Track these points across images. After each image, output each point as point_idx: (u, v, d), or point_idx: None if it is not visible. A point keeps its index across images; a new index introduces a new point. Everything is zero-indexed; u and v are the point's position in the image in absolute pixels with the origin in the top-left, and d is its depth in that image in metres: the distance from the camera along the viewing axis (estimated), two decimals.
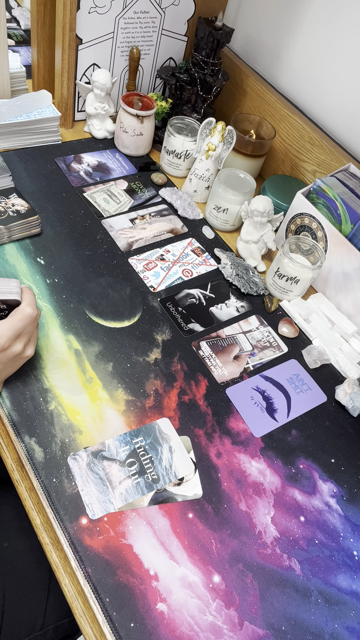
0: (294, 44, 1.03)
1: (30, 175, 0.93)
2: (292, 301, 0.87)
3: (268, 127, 1.03)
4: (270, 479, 0.66)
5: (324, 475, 0.68)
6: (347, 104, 0.96)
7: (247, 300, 0.86)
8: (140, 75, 1.09)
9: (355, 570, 0.61)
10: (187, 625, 0.53)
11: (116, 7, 0.94)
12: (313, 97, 1.02)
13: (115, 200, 0.95)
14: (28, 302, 0.60)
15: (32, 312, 0.59)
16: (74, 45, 0.94)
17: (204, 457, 0.65)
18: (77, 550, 0.55)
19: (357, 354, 0.83)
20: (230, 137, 0.94)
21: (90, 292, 0.79)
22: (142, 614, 0.53)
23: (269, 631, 0.54)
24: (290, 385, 0.76)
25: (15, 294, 0.60)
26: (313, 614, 0.56)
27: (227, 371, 0.75)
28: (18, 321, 0.58)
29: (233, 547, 0.59)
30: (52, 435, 0.62)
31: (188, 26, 1.06)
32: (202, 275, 0.88)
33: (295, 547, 0.61)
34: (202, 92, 1.04)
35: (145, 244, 0.89)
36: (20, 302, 0.60)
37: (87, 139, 1.06)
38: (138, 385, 0.70)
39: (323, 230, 0.85)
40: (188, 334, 0.78)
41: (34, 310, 0.60)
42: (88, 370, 0.70)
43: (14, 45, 1.26)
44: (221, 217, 0.95)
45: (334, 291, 0.88)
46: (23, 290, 0.61)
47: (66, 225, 0.87)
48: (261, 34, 1.10)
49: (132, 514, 0.59)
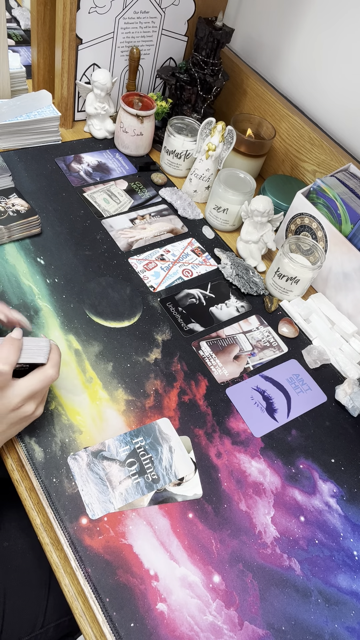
0: (294, 44, 1.03)
1: (30, 175, 0.93)
2: (292, 301, 0.87)
3: (268, 127, 1.03)
4: (270, 479, 0.66)
5: (324, 475, 0.68)
6: (347, 104, 0.96)
7: (247, 300, 0.86)
8: (140, 75, 1.09)
9: (355, 570, 0.61)
10: (187, 625, 0.53)
11: (116, 7, 0.94)
12: (313, 97, 1.02)
13: (115, 200, 0.95)
14: (53, 364, 0.56)
15: (53, 375, 0.56)
16: (74, 45, 0.94)
17: (204, 457, 0.65)
18: (77, 550, 0.55)
19: (357, 354, 0.83)
20: (230, 137, 0.94)
21: (90, 292, 0.79)
22: (142, 614, 0.53)
23: (269, 631, 0.54)
24: (290, 385, 0.76)
25: (43, 358, 0.56)
26: (313, 614, 0.56)
27: (227, 371, 0.75)
28: (38, 382, 0.55)
29: (233, 547, 0.59)
30: (52, 435, 0.62)
31: (188, 26, 1.06)
32: (202, 275, 0.88)
33: (295, 547, 0.61)
34: (202, 92, 1.04)
35: (145, 244, 0.89)
36: (45, 363, 0.56)
37: (87, 139, 1.06)
38: (138, 385, 0.70)
39: (323, 230, 0.85)
40: (188, 334, 0.78)
41: (56, 374, 0.56)
42: (88, 370, 0.70)
43: (14, 45, 1.26)
44: (221, 217, 0.95)
45: (334, 291, 0.88)
46: (51, 348, 0.57)
47: (66, 225, 0.87)
48: (261, 34, 1.10)
49: (132, 514, 0.59)
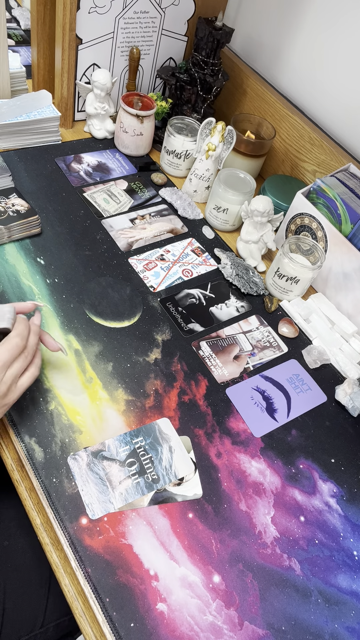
0: (294, 44, 1.03)
1: (30, 175, 0.93)
2: (292, 301, 0.87)
3: (268, 127, 1.03)
4: (270, 479, 0.66)
5: (324, 475, 0.68)
6: (347, 104, 0.96)
7: (247, 300, 0.86)
8: (140, 75, 1.09)
9: (355, 570, 0.61)
10: (187, 625, 0.53)
11: (116, 7, 0.94)
12: (313, 97, 1.02)
13: (115, 200, 0.95)
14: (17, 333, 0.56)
15: (19, 343, 0.55)
16: (74, 45, 0.94)
17: (204, 457, 0.65)
18: (77, 550, 0.55)
19: (357, 354, 0.83)
20: (230, 137, 0.94)
21: (90, 292, 0.79)
22: (142, 614, 0.53)
23: (269, 631, 0.54)
24: (290, 385, 0.76)
25: (7, 322, 0.56)
26: (313, 614, 0.56)
27: (227, 371, 0.75)
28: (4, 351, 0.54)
29: (233, 547, 0.59)
30: (52, 435, 0.62)
31: (188, 26, 1.06)
32: (202, 275, 0.88)
33: (295, 547, 0.61)
34: (202, 92, 1.04)
35: (145, 244, 0.89)
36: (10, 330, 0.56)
37: (87, 139, 1.06)
38: (138, 385, 0.70)
39: (323, 230, 0.85)
40: (188, 334, 0.78)
41: (22, 342, 0.56)
42: (88, 370, 0.70)
43: (14, 45, 1.26)
44: (221, 217, 0.95)
45: (334, 291, 0.88)
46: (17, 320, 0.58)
47: (66, 225, 0.87)
48: (261, 34, 1.10)
49: (132, 514, 0.59)
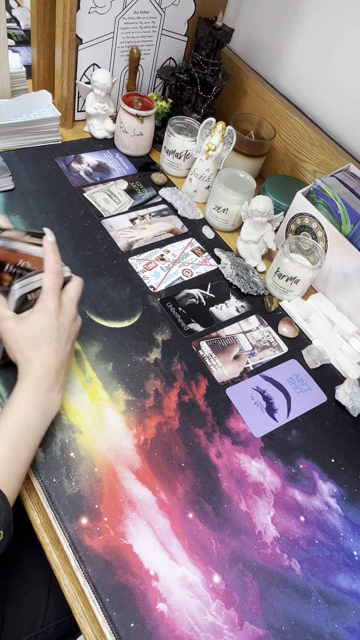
0: (294, 44, 1.03)
1: (30, 175, 0.93)
2: (292, 301, 0.87)
3: (268, 127, 1.03)
4: (270, 479, 0.66)
5: (324, 475, 0.68)
6: (347, 104, 0.96)
7: (247, 300, 0.86)
8: (140, 75, 1.09)
9: (355, 570, 0.61)
10: (187, 625, 0.53)
11: (116, 7, 0.94)
12: (313, 97, 1.02)
13: (115, 200, 0.95)
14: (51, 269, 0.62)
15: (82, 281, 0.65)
16: (74, 45, 0.94)
17: (204, 457, 0.65)
18: (77, 550, 0.55)
19: (357, 354, 0.83)
20: (230, 137, 0.94)
21: (90, 292, 0.79)
22: (142, 614, 0.53)
23: (269, 631, 0.54)
24: (290, 385, 0.76)
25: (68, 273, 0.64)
26: (313, 614, 0.56)
27: (227, 371, 0.75)
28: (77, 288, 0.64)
29: (233, 547, 0.59)
30: (52, 435, 0.62)
31: (188, 26, 1.06)
32: (202, 275, 0.88)
33: (295, 547, 0.61)
34: (202, 92, 1.04)
35: (145, 244, 0.89)
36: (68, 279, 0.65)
37: (87, 139, 1.06)
38: (138, 385, 0.70)
39: (323, 230, 0.85)
40: (188, 334, 0.78)
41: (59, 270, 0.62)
42: (88, 370, 0.70)
43: (14, 45, 1.25)
44: (221, 217, 0.94)
45: (334, 291, 0.88)
46: None
47: (66, 225, 0.87)
48: (261, 34, 1.10)
49: (132, 514, 0.59)
